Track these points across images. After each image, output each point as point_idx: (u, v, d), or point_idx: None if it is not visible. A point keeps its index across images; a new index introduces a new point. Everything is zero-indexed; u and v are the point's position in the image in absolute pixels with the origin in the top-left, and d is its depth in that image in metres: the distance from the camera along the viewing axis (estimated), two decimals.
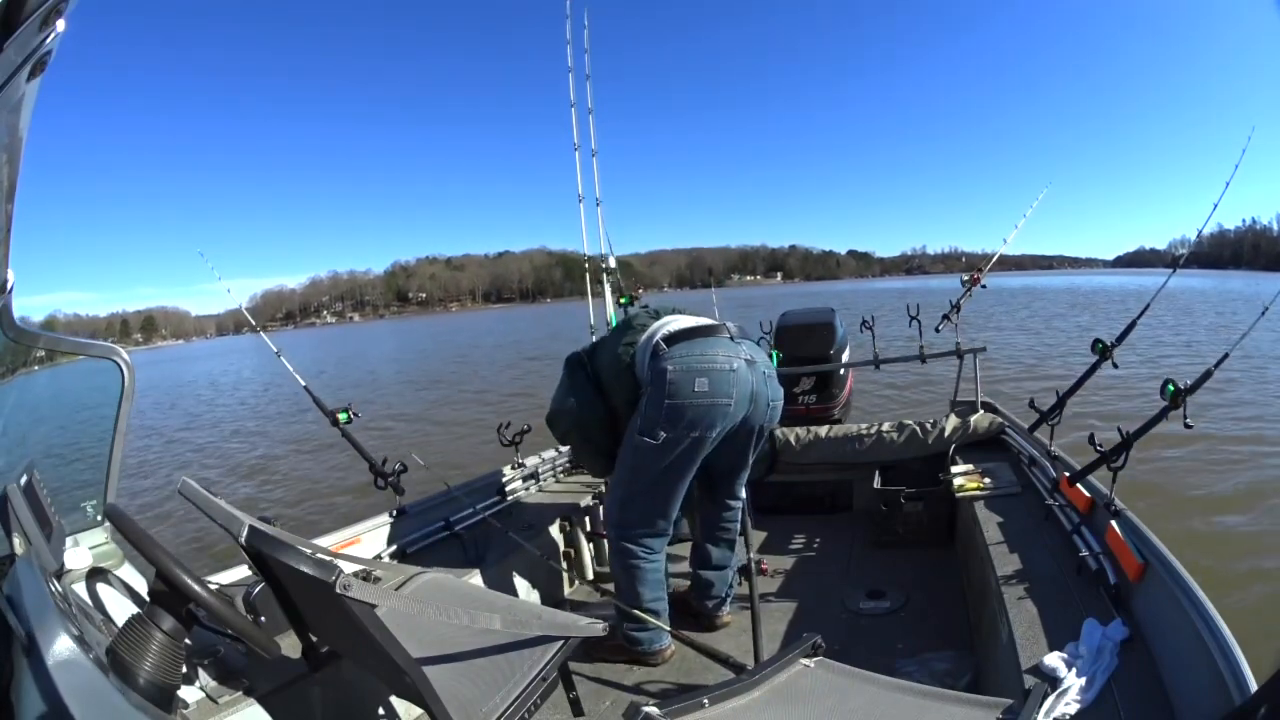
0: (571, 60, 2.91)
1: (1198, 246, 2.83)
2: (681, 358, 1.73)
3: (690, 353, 1.74)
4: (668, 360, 1.73)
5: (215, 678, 1.35)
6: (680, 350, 1.75)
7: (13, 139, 0.90)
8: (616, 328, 2.03)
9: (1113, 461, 1.69)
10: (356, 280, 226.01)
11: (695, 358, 1.73)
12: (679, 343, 1.77)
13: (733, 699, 1.10)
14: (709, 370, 1.71)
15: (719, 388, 1.71)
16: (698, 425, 1.72)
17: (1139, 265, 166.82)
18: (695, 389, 1.70)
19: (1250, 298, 19.50)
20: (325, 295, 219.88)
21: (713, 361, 1.73)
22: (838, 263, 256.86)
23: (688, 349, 1.75)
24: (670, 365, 1.72)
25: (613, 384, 1.90)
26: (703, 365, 1.72)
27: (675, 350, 1.75)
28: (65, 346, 1.61)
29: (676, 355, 1.74)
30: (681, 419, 1.71)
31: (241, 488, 7.18)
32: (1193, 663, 1.13)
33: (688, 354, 1.74)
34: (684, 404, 1.70)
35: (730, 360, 1.74)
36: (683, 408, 1.70)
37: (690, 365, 1.72)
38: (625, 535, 1.88)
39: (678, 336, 1.78)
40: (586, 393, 1.97)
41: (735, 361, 1.74)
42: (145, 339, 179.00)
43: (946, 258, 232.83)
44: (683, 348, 1.75)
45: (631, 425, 1.81)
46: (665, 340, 1.78)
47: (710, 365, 1.72)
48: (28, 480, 1.25)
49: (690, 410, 1.70)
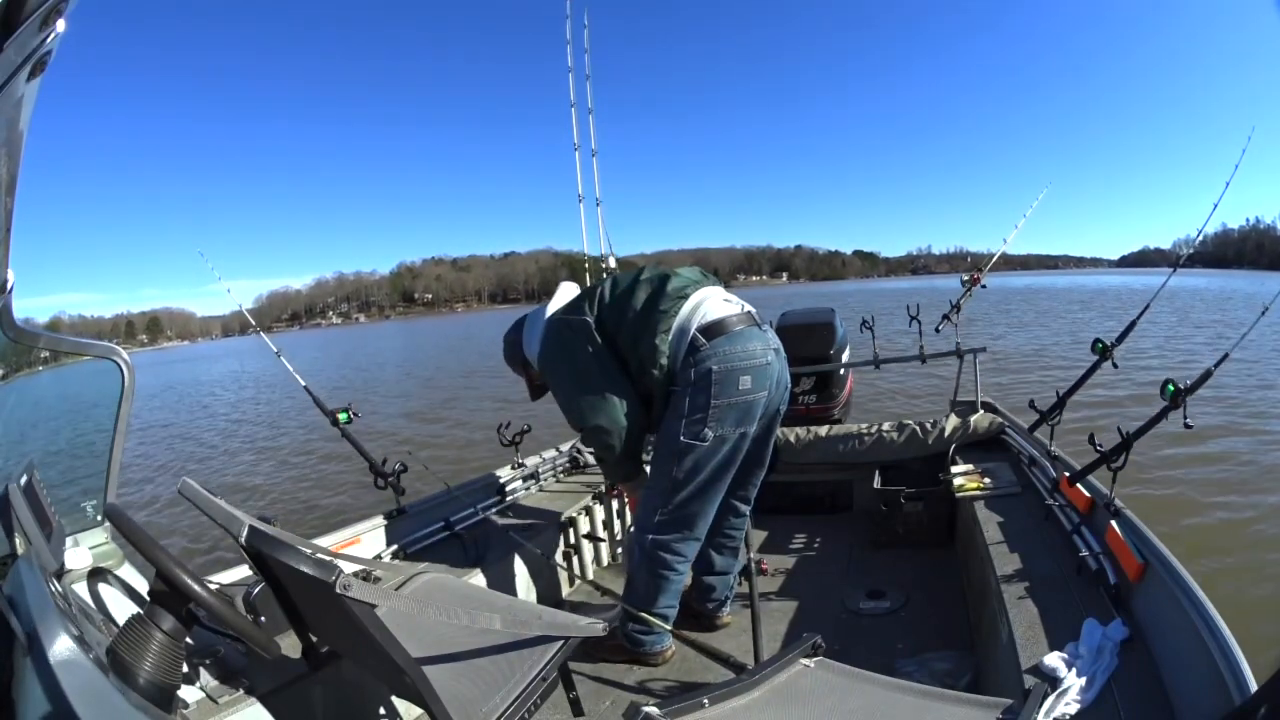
0: (571, 60, 2.91)
1: (1201, 246, 2.84)
2: (725, 355, 1.69)
3: (733, 349, 1.70)
4: (712, 359, 1.69)
5: (215, 678, 1.35)
6: (722, 346, 1.70)
7: (12, 140, 0.90)
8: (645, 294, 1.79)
9: (1113, 461, 1.69)
10: (362, 281, 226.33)
11: (738, 354, 1.70)
12: (717, 336, 1.72)
13: (733, 699, 1.10)
14: (751, 367, 1.70)
15: (760, 383, 1.71)
16: (744, 421, 1.71)
17: (1144, 265, 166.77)
18: (740, 387, 1.69)
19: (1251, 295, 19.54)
20: (331, 296, 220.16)
21: (753, 357, 1.71)
22: (843, 263, 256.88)
23: (729, 344, 1.71)
24: (715, 365, 1.69)
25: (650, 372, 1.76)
26: (746, 363, 1.70)
27: (717, 346, 1.70)
28: (65, 346, 1.61)
29: (720, 352, 1.70)
30: (728, 417, 1.69)
31: (241, 489, 7.18)
32: (1193, 663, 1.12)
33: (730, 350, 1.70)
34: (731, 402, 1.69)
35: (766, 353, 1.74)
36: (730, 406, 1.69)
37: (734, 364, 1.69)
38: (661, 544, 1.82)
39: (713, 329, 1.73)
40: (630, 391, 1.80)
41: (769, 354, 1.74)
42: (150, 340, 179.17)
43: (952, 257, 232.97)
44: (723, 343, 1.71)
45: (670, 429, 1.74)
46: (702, 333, 1.72)
47: (751, 361, 1.70)
48: (28, 480, 1.25)
49: (737, 408, 1.69)
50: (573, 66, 2.90)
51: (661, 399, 1.81)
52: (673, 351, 1.75)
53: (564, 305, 1.93)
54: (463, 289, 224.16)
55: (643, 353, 1.76)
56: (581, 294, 1.94)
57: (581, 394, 1.82)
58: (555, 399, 1.96)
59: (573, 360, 1.83)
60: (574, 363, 1.83)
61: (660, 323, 1.74)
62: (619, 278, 1.91)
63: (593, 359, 1.80)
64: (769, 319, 3.50)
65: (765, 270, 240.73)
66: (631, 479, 2.01)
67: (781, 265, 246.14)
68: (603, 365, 1.80)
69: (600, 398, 1.79)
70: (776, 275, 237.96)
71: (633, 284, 1.83)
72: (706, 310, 1.76)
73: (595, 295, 1.86)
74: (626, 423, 1.80)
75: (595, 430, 1.82)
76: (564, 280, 2.13)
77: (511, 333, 2.09)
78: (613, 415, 1.79)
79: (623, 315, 1.80)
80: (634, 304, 1.79)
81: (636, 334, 1.77)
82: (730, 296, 1.86)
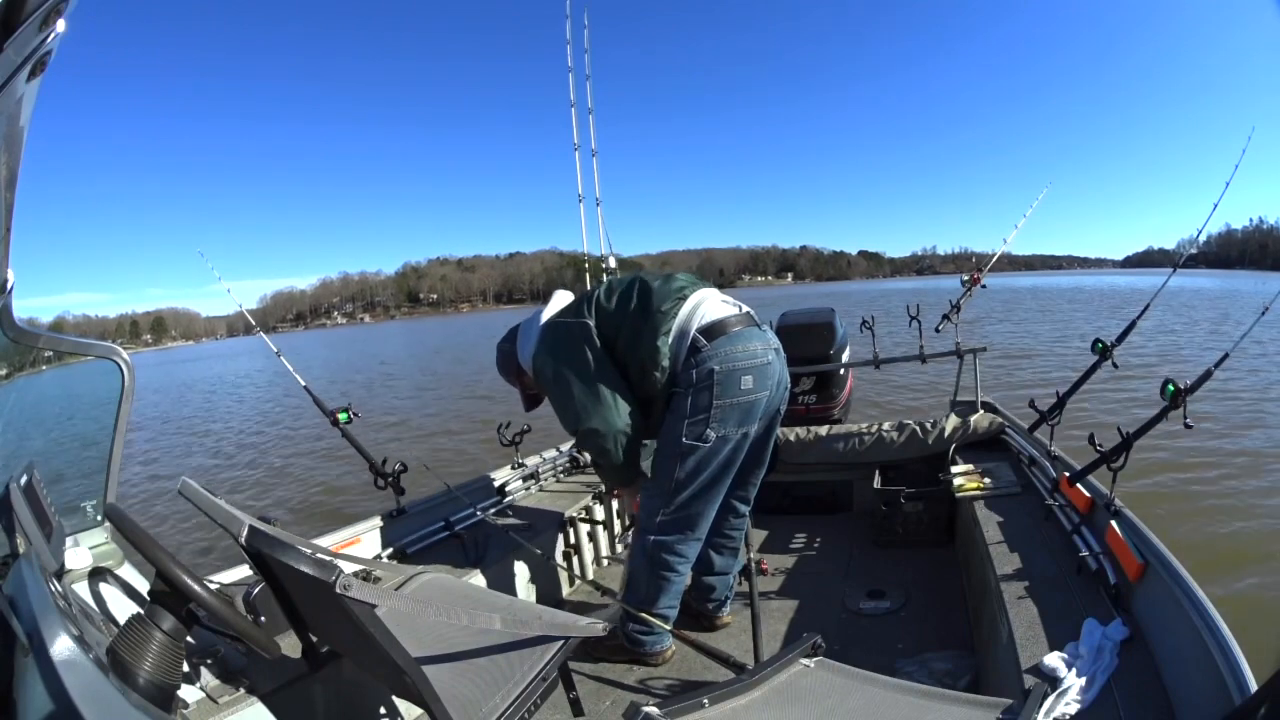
0: (571, 60, 2.91)
1: (1205, 247, 2.85)
2: (726, 356, 1.70)
3: (733, 349, 1.71)
4: (714, 359, 1.69)
5: (215, 678, 1.35)
6: (723, 347, 1.71)
7: (12, 141, 0.90)
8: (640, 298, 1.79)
9: (1113, 461, 1.69)
10: (367, 281, 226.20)
11: (739, 354, 1.71)
12: (718, 337, 1.73)
13: (733, 699, 1.10)
14: (753, 367, 1.71)
15: (762, 383, 1.72)
16: (745, 421, 1.72)
17: (1148, 265, 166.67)
18: (742, 387, 1.69)
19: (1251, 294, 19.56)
20: (336, 296, 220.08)
21: (754, 357, 1.72)
22: (848, 263, 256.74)
23: (729, 345, 1.71)
24: (717, 365, 1.69)
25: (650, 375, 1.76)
26: (746, 363, 1.70)
27: (718, 347, 1.71)
28: (66, 346, 1.61)
29: (721, 353, 1.70)
30: (731, 418, 1.70)
31: (241, 487, 7.19)
32: (1193, 663, 1.12)
33: (731, 350, 1.71)
34: (732, 403, 1.69)
35: (766, 353, 1.74)
36: (732, 407, 1.69)
37: (735, 364, 1.70)
38: (663, 545, 1.83)
39: (714, 330, 1.73)
40: (628, 394, 1.79)
41: (769, 354, 1.75)
42: (155, 340, 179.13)
43: (957, 258, 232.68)
44: (724, 343, 1.71)
45: (672, 430, 1.75)
46: (702, 334, 1.73)
47: (752, 361, 1.71)
48: (28, 480, 1.25)
49: (739, 408, 1.70)
50: (572, 66, 2.90)
51: (662, 402, 1.80)
52: (673, 353, 1.75)
53: (560, 310, 1.92)
54: (468, 289, 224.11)
55: (644, 355, 1.75)
56: (579, 298, 1.93)
57: (577, 396, 1.78)
58: (551, 403, 1.93)
59: (569, 363, 1.80)
60: (570, 365, 1.79)
61: (661, 323, 1.73)
62: (614, 282, 1.90)
63: (590, 361, 1.77)
64: (773, 319, 3.52)
65: (770, 270, 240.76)
66: (629, 484, 1.99)
67: (787, 265, 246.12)
68: (600, 368, 1.77)
69: (596, 400, 1.76)
70: (782, 275, 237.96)
71: (630, 286, 1.83)
72: (705, 311, 1.76)
73: (593, 299, 1.85)
74: (623, 426, 1.77)
75: (590, 434, 1.80)
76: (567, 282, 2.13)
77: (505, 343, 2.06)
78: (608, 418, 1.76)
79: (622, 318, 1.79)
80: (633, 306, 1.78)
81: (636, 335, 1.75)
82: (727, 298, 1.86)
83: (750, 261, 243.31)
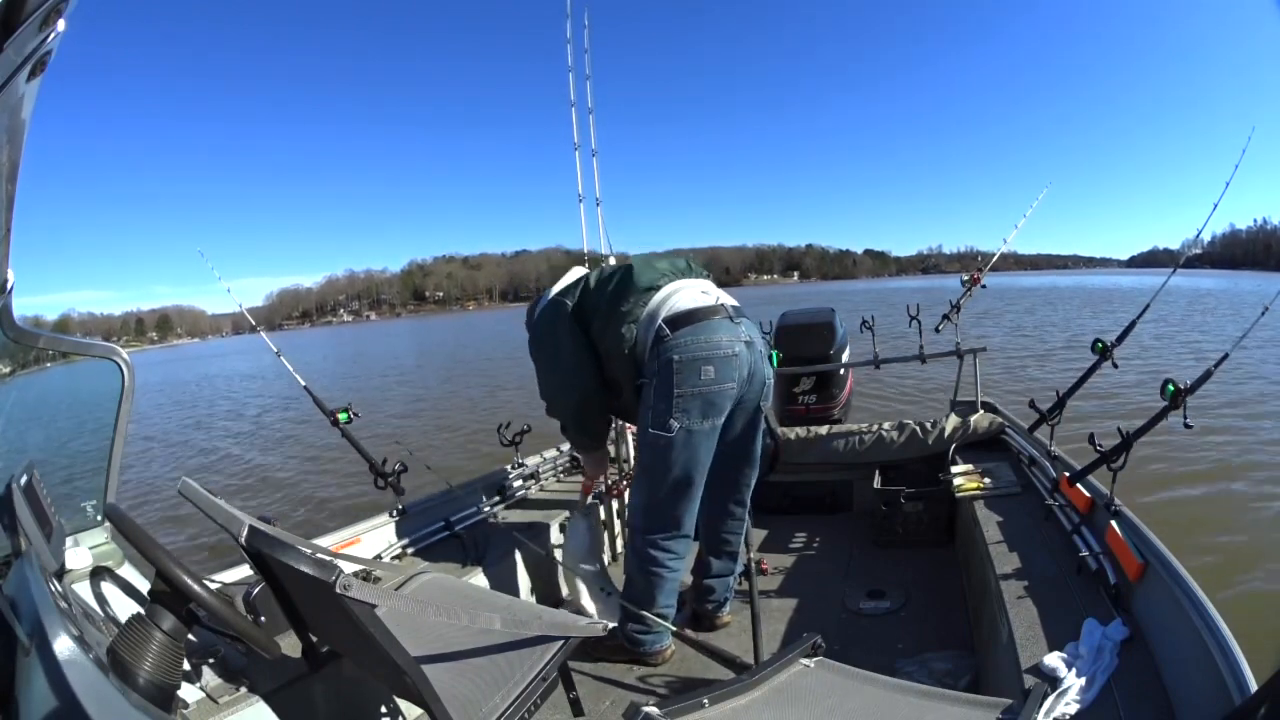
0: (571, 60, 2.91)
1: (1209, 247, 2.84)
2: (686, 345, 1.72)
3: (696, 339, 1.72)
4: (673, 350, 1.72)
5: (215, 678, 1.35)
6: (685, 337, 1.73)
7: (12, 141, 0.90)
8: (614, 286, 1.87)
9: (1113, 461, 1.69)
10: (373, 279, 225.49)
11: (701, 344, 1.72)
12: (682, 327, 1.74)
13: (733, 699, 1.10)
14: (715, 357, 1.71)
15: (725, 374, 1.72)
16: (710, 413, 1.73)
17: (1153, 265, 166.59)
18: (702, 377, 1.70)
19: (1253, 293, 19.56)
20: (342, 294, 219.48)
21: (717, 348, 1.72)
22: (854, 262, 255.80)
23: (693, 335, 1.73)
24: (676, 355, 1.71)
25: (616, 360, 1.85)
26: (709, 353, 1.71)
27: (680, 337, 1.73)
28: (65, 346, 1.61)
29: (681, 343, 1.72)
30: (693, 408, 1.71)
31: (241, 488, 7.19)
32: (1193, 663, 1.12)
33: (693, 340, 1.72)
34: (693, 392, 1.70)
35: (733, 344, 1.74)
36: (693, 396, 1.71)
37: (695, 354, 1.71)
38: (651, 541, 1.85)
39: (680, 320, 1.76)
40: (594, 372, 1.90)
41: (737, 345, 1.75)
42: (161, 338, 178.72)
43: (962, 257, 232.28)
44: (687, 334, 1.73)
45: (641, 420, 1.80)
46: (668, 324, 1.75)
47: (715, 351, 1.72)
48: (28, 480, 1.25)
49: (701, 398, 1.71)
50: (573, 66, 2.89)
51: (632, 388, 1.86)
52: (640, 342, 1.80)
53: (562, 288, 2.01)
54: (474, 287, 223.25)
55: (609, 341, 1.84)
56: (581, 278, 2.01)
57: (548, 372, 1.99)
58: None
59: (545, 337, 1.96)
60: (546, 339, 1.96)
61: (629, 312, 1.81)
62: (605, 269, 1.98)
63: (558, 339, 1.91)
64: (773, 319, 3.51)
65: (776, 269, 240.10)
66: (587, 451, 2.22)
67: (793, 264, 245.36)
68: (568, 345, 1.89)
69: (562, 376, 1.94)
70: (788, 274, 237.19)
71: (609, 276, 1.90)
72: (675, 302, 1.80)
73: (582, 283, 1.95)
74: (578, 399, 1.94)
75: (550, 401, 2.01)
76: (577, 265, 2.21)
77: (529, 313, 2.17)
78: (567, 389, 1.94)
79: (596, 306, 1.89)
80: (604, 297, 1.87)
81: (606, 322, 1.85)
82: (709, 289, 1.89)
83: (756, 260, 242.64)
